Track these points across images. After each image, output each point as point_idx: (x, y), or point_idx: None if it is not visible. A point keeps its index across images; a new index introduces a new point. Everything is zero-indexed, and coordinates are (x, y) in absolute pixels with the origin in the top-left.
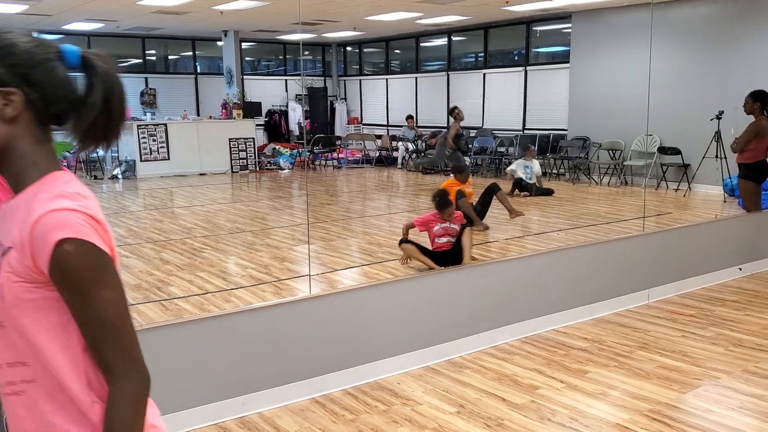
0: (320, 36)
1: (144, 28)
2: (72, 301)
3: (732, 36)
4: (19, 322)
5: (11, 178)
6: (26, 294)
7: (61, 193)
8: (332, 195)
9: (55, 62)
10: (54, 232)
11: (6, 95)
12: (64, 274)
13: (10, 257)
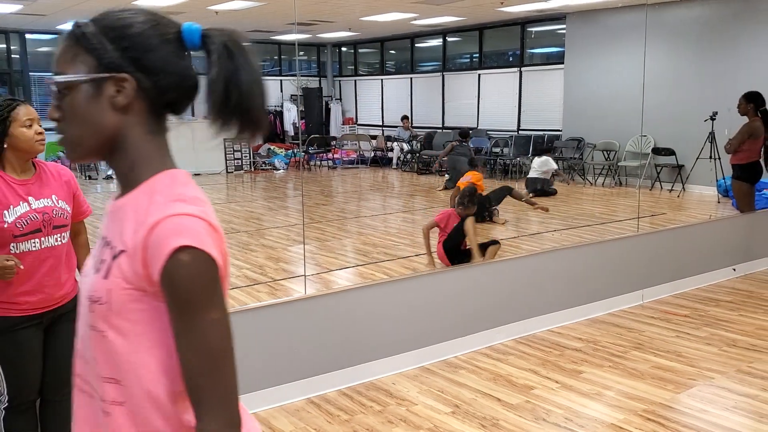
0: (315, 36)
1: None
2: (176, 317)
3: (726, 37)
4: (122, 333)
5: (120, 172)
6: (134, 303)
7: (180, 196)
8: (327, 195)
9: (173, 44)
10: (171, 238)
11: (118, 82)
12: (175, 285)
13: (121, 261)
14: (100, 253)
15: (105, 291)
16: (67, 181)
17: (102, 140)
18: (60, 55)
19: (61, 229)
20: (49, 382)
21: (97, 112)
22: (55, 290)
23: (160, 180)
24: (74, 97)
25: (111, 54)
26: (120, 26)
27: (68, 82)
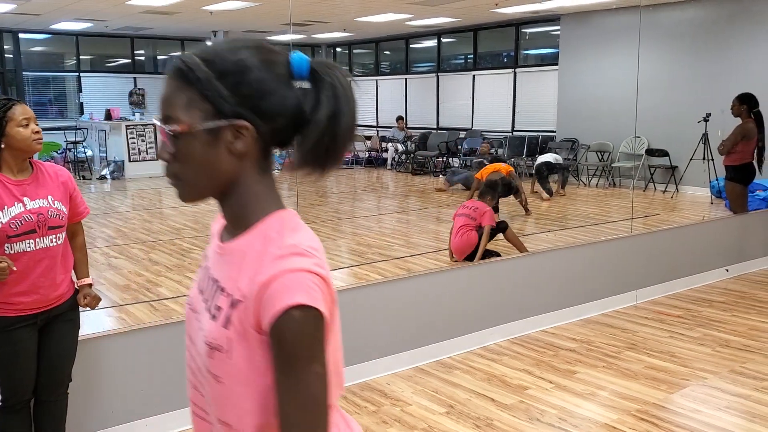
0: (310, 37)
1: (133, 28)
2: (280, 369)
3: (719, 39)
4: (239, 383)
5: (232, 213)
6: (253, 354)
7: (295, 249)
8: (322, 196)
9: (285, 81)
10: (285, 295)
11: (236, 129)
12: (283, 340)
13: (240, 312)
14: (214, 297)
15: (226, 340)
16: (64, 181)
17: (219, 185)
18: (170, 97)
19: (57, 230)
20: (43, 383)
21: (214, 158)
22: (50, 291)
23: (272, 225)
24: (190, 142)
25: (229, 101)
26: (237, 71)
27: (187, 130)
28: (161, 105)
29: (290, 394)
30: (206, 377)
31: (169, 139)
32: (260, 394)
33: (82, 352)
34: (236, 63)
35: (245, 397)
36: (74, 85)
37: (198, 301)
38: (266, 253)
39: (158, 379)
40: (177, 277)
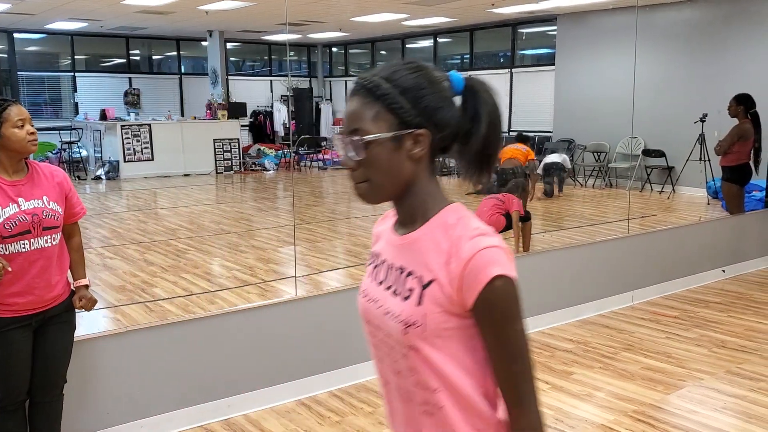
0: (306, 37)
1: (128, 28)
2: (491, 333)
3: (716, 40)
4: (436, 348)
5: (406, 210)
6: (446, 323)
7: (481, 231)
8: (318, 196)
9: (451, 98)
10: (489, 268)
11: (416, 137)
12: (491, 308)
13: (432, 289)
14: (403, 282)
15: (420, 316)
16: (60, 182)
17: (400, 186)
18: (358, 112)
19: (52, 230)
20: (38, 384)
21: (397, 162)
22: (45, 292)
23: (448, 215)
24: (378, 150)
25: (411, 113)
26: (415, 87)
27: (377, 139)
28: (348, 120)
29: (502, 349)
30: (401, 351)
31: (357, 148)
32: (466, 354)
33: (78, 353)
34: (415, 81)
35: (449, 361)
36: (69, 85)
37: (376, 291)
38: (454, 237)
39: (154, 380)
40: (172, 277)
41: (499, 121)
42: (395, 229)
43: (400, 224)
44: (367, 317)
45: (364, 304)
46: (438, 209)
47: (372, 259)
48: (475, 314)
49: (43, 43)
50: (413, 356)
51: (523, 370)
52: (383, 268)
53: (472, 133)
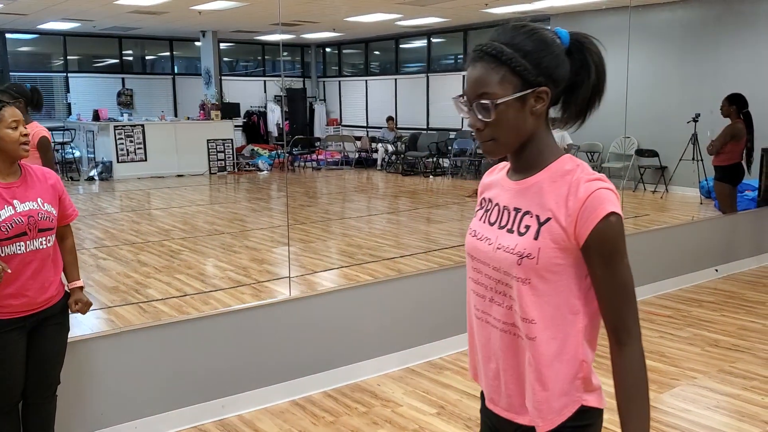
0: (299, 37)
1: (121, 28)
2: (602, 266)
3: (708, 40)
4: (545, 280)
5: (524, 159)
6: (556, 259)
7: (594, 175)
8: (311, 197)
9: (563, 54)
10: (604, 205)
11: (538, 94)
12: (604, 241)
13: (550, 225)
14: (519, 220)
15: (536, 249)
16: (53, 183)
17: (522, 140)
18: (483, 77)
19: (47, 232)
20: (31, 385)
21: (522, 119)
22: (40, 294)
23: (564, 163)
24: (505, 110)
25: (533, 73)
26: (536, 50)
27: (506, 101)
28: (474, 85)
29: (611, 281)
30: (507, 282)
31: (486, 111)
32: (567, 289)
33: (71, 354)
34: (534, 44)
35: (552, 293)
36: (62, 86)
37: (488, 230)
38: (573, 180)
39: (148, 380)
40: (166, 278)
41: (604, 69)
42: (509, 176)
43: (515, 171)
44: (474, 253)
45: (473, 242)
46: (554, 158)
47: (482, 204)
48: (586, 250)
49: (36, 44)
50: (519, 287)
51: (630, 303)
52: (495, 210)
53: (581, 83)
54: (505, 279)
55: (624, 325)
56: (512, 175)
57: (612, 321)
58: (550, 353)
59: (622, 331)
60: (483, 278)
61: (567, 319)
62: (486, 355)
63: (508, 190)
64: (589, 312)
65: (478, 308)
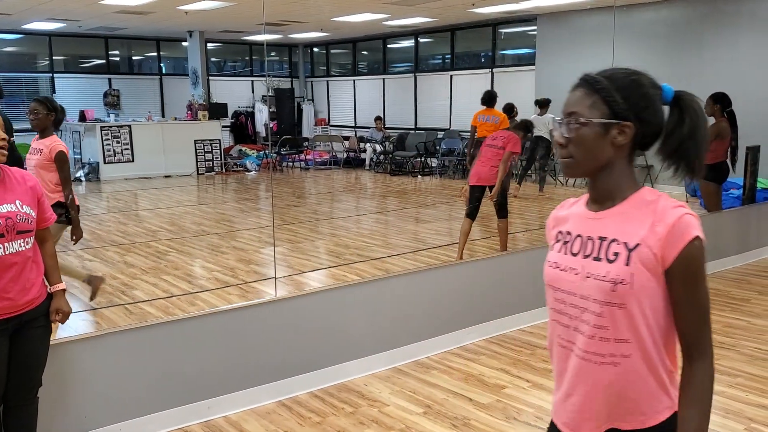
0: (287, 37)
1: (107, 28)
2: (685, 287)
3: (692, 39)
4: (637, 305)
5: (602, 189)
6: (648, 282)
7: (677, 203)
8: (299, 197)
9: (659, 102)
10: (690, 230)
11: (622, 127)
12: (689, 263)
13: (639, 251)
14: (606, 248)
15: (629, 274)
16: (33, 186)
17: (597, 166)
18: (578, 100)
19: (25, 234)
20: (13, 388)
21: (601, 146)
22: (21, 296)
23: (644, 194)
24: (587, 132)
25: (621, 106)
26: (629, 87)
27: (589, 122)
28: (567, 105)
29: (693, 303)
30: (598, 309)
31: (569, 128)
32: (656, 309)
33: (55, 356)
34: (629, 82)
35: (644, 314)
36: (47, 86)
37: (571, 261)
38: (659, 208)
39: (133, 382)
40: (153, 279)
41: (701, 128)
42: (588, 207)
43: (595, 202)
44: (557, 285)
45: (555, 273)
46: (634, 190)
47: (558, 237)
48: (671, 272)
49: (20, 44)
50: (613, 312)
51: (707, 323)
52: (578, 241)
53: (674, 132)
54: (593, 306)
55: (699, 342)
56: (592, 205)
57: (688, 338)
58: (643, 369)
59: (695, 349)
60: (568, 308)
61: (657, 335)
62: (571, 384)
63: (589, 220)
64: (673, 328)
65: (562, 338)
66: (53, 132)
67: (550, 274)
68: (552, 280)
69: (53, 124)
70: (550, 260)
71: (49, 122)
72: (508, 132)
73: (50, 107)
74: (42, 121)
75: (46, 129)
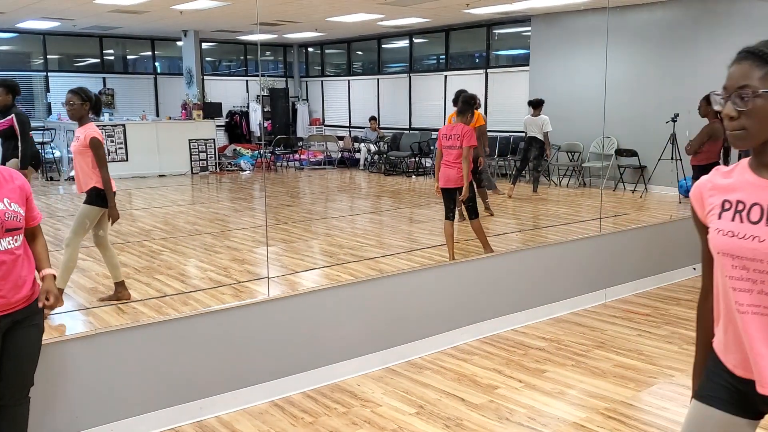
0: (281, 37)
1: (101, 27)
2: None
3: (686, 40)
4: None
5: None
6: None
7: None
8: (293, 196)
9: None
10: None
11: None
12: None
13: None
14: None
15: None
16: (21, 185)
17: None
18: (746, 72)
19: (14, 232)
20: (4, 387)
21: None
22: (12, 293)
23: None
24: (761, 103)
25: None
26: None
27: (765, 93)
28: (734, 79)
29: None
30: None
31: (743, 100)
32: None
33: (47, 356)
34: None
35: None
36: (42, 85)
37: (749, 228)
38: None
39: (124, 382)
40: (146, 279)
41: None
42: (759, 174)
43: (761, 167)
44: (738, 252)
45: (734, 242)
46: None
47: (725, 206)
48: None
49: (15, 43)
50: None
51: None
52: (756, 209)
53: None
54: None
55: None
56: (763, 172)
57: None
58: None
59: None
60: (750, 274)
61: None
62: (753, 344)
63: (762, 187)
64: None
65: (742, 303)
66: (89, 120)
67: (726, 243)
68: (730, 248)
69: (90, 112)
70: (723, 229)
71: (84, 111)
72: (461, 126)
73: (84, 97)
74: (77, 110)
75: (82, 117)
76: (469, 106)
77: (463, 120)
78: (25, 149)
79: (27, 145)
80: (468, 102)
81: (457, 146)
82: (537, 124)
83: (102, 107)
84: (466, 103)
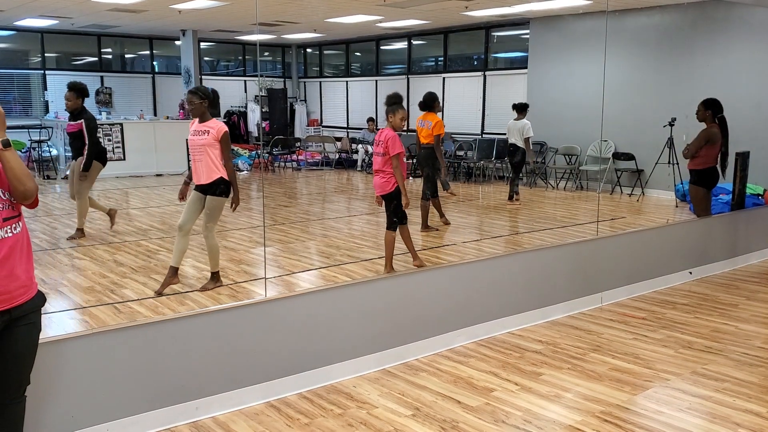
0: (280, 37)
1: (100, 26)
2: None
3: (684, 45)
4: None
5: None
6: None
7: None
8: (291, 197)
9: None
10: None
11: None
12: None
13: None
14: None
15: None
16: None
17: None
18: None
19: (11, 220)
20: (2, 386)
21: None
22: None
23: None
24: None
25: None
26: None
27: None
28: None
29: None
30: None
31: None
32: None
33: (44, 355)
34: None
35: None
36: (39, 83)
37: None
38: None
39: (120, 382)
40: (142, 278)
41: None
42: None
43: None
44: None
45: None
46: None
47: None
48: None
49: (13, 40)
50: None
51: None
52: None
53: None
54: None
55: None
56: None
57: None
58: None
59: None
60: None
61: None
62: None
63: None
64: None
65: None
66: (210, 116)
67: None
68: None
69: (209, 108)
70: None
71: (204, 108)
72: (386, 132)
73: (202, 95)
74: (198, 108)
75: (204, 114)
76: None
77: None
78: (90, 152)
79: (93, 148)
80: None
81: (382, 153)
82: (518, 129)
83: (218, 102)
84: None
